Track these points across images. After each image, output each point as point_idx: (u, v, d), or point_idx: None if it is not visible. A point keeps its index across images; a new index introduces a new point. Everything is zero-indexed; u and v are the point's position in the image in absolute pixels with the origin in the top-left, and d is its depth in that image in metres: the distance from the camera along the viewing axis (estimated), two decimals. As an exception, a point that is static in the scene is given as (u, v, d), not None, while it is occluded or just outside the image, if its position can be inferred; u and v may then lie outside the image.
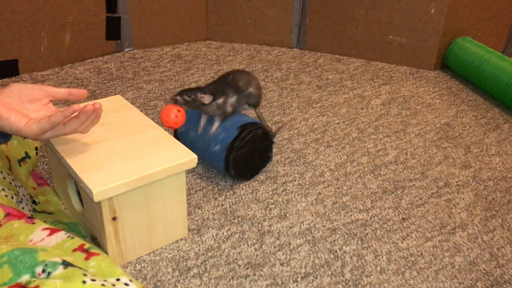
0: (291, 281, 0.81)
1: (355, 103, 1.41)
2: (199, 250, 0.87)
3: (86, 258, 0.62)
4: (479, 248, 0.90)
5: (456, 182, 1.09)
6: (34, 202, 0.89)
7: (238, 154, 1.00)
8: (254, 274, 0.82)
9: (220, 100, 1.00)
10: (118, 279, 0.59)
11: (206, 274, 0.81)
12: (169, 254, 0.85)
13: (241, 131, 0.99)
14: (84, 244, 0.65)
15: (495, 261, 0.87)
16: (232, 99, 1.02)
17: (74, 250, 0.64)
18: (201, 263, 0.84)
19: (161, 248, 0.86)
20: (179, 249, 0.87)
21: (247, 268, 0.83)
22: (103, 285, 0.55)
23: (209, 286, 0.79)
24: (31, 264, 0.57)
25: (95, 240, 0.83)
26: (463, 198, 1.04)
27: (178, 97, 0.95)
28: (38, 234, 0.65)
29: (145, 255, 0.85)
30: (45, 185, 0.97)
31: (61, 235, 0.66)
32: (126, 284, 0.58)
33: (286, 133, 1.24)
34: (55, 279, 0.54)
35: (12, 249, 0.58)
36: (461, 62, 1.55)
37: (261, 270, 0.83)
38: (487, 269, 0.86)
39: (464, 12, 1.59)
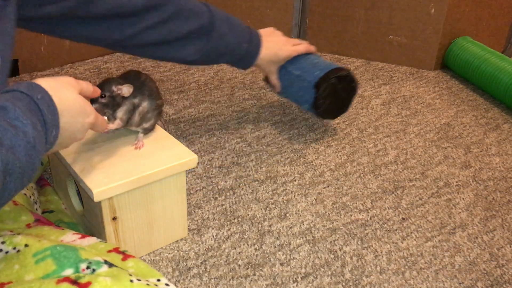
0: (291, 281, 0.81)
1: (355, 103, 1.41)
2: (199, 250, 0.87)
3: (123, 259, 0.62)
4: (479, 248, 0.90)
5: (456, 182, 1.09)
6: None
7: (325, 107, 1.14)
8: (254, 274, 0.82)
9: (136, 99, 0.80)
10: (158, 280, 0.59)
11: (206, 274, 0.81)
12: (169, 254, 0.85)
13: (317, 88, 1.10)
14: (118, 248, 0.65)
15: (495, 261, 0.87)
16: (145, 103, 0.82)
17: (109, 251, 0.64)
18: (201, 263, 0.84)
19: (161, 248, 0.87)
20: (179, 249, 0.87)
21: (247, 268, 0.83)
22: (147, 284, 0.55)
23: (209, 286, 0.79)
24: (75, 260, 0.57)
25: (95, 240, 0.84)
26: (463, 198, 1.04)
27: (94, 106, 0.74)
28: (69, 237, 0.66)
29: (145, 255, 0.85)
30: (47, 185, 0.97)
31: (93, 239, 0.66)
32: (167, 285, 0.58)
33: (286, 133, 1.24)
34: (102, 276, 0.54)
35: (55, 245, 0.58)
36: (461, 62, 1.55)
37: (261, 270, 0.83)
38: (487, 269, 0.86)
39: (464, 12, 1.59)
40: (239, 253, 0.86)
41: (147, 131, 0.86)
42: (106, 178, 0.74)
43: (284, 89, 1.21)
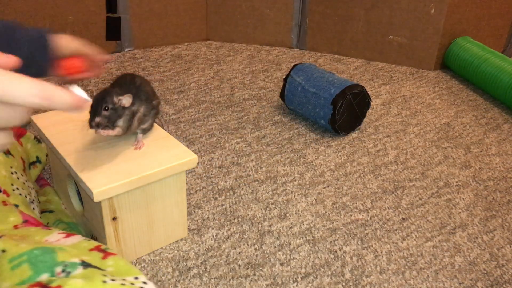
0: (291, 281, 0.81)
1: (355, 103, 1.41)
2: (199, 250, 0.87)
3: (104, 258, 0.62)
4: (479, 248, 0.90)
5: (456, 182, 1.09)
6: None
7: (341, 122, 1.20)
8: (254, 274, 0.82)
9: (134, 107, 0.80)
10: (136, 278, 0.59)
11: (206, 274, 0.81)
12: (169, 254, 0.85)
13: (334, 105, 1.17)
14: (100, 245, 0.65)
15: (495, 261, 0.87)
16: (143, 107, 0.82)
17: (91, 249, 0.64)
18: (201, 263, 0.84)
19: (161, 248, 0.87)
20: (179, 249, 0.87)
21: (247, 268, 0.83)
22: (122, 284, 0.55)
23: (209, 286, 0.79)
24: (51, 264, 0.57)
25: (95, 240, 0.83)
26: (463, 198, 1.04)
27: (98, 119, 0.75)
28: (54, 236, 0.65)
29: (145, 255, 0.85)
30: (46, 185, 0.97)
31: (78, 237, 0.66)
32: (145, 283, 0.58)
33: (286, 133, 1.24)
34: (75, 278, 0.54)
35: (32, 249, 0.58)
36: (461, 62, 1.55)
37: (261, 270, 0.83)
38: (487, 269, 0.86)
39: (464, 12, 1.59)
40: (239, 253, 0.86)
41: (146, 131, 0.86)
42: (106, 178, 0.74)
43: (301, 105, 1.26)
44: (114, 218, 0.77)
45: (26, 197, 0.79)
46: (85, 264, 0.58)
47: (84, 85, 1.44)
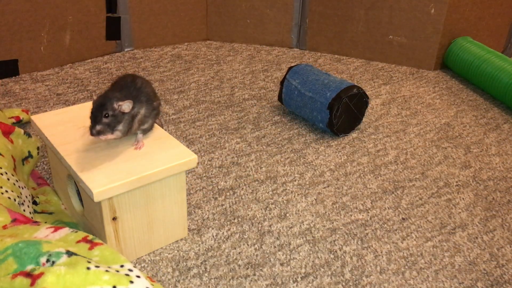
0: (291, 281, 0.81)
1: (355, 103, 1.41)
2: (199, 250, 0.87)
3: (90, 248, 0.63)
4: (479, 248, 0.90)
5: (456, 182, 1.09)
6: (34, 202, 0.89)
7: (339, 124, 1.20)
8: (254, 274, 0.82)
9: (134, 110, 0.80)
10: (122, 266, 0.59)
11: (206, 274, 0.81)
12: (169, 254, 0.85)
13: (331, 110, 1.17)
14: (87, 236, 0.65)
15: (495, 261, 0.87)
16: (143, 109, 0.83)
17: (78, 241, 0.64)
18: (201, 263, 0.84)
19: (161, 248, 0.87)
20: (179, 249, 0.87)
21: (247, 268, 0.83)
22: (107, 271, 0.55)
23: (209, 286, 0.79)
24: (35, 255, 0.57)
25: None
26: (463, 198, 1.04)
27: (98, 127, 0.76)
28: (42, 232, 0.66)
29: (145, 255, 0.85)
30: (45, 185, 0.97)
31: (65, 230, 0.67)
32: (130, 270, 0.58)
33: (286, 133, 1.24)
34: (58, 266, 0.54)
35: (17, 242, 0.58)
36: (461, 62, 1.55)
37: (261, 270, 0.83)
38: (487, 269, 0.86)
39: (464, 12, 1.59)
40: (239, 253, 0.86)
41: (146, 131, 0.86)
42: (106, 178, 0.74)
43: (298, 109, 1.27)
44: (114, 218, 0.77)
45: (15, 200, 0.79)
46: (70, 253, 0.58)
47: (84, 85, 1.44)
